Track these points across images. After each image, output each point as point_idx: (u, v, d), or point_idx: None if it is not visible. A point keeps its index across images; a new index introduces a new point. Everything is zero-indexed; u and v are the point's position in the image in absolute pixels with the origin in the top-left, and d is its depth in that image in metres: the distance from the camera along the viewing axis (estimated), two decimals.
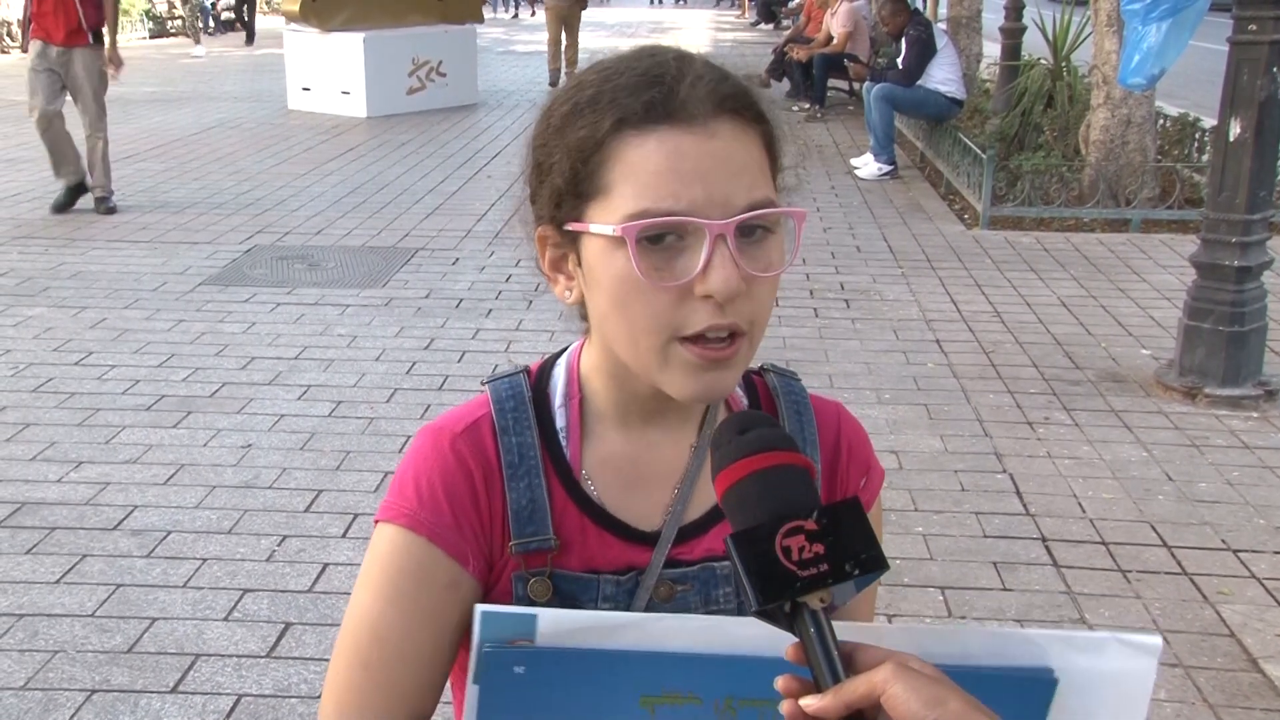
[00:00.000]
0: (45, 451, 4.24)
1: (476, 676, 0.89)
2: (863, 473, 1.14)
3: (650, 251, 0.91)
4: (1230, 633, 3.16)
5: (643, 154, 0.92)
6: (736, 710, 0.90)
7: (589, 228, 0.94)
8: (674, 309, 0.92)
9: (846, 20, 12.21)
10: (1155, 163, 7.85)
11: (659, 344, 0.93)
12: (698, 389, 0.95)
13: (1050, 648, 0.88)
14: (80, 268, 6.63)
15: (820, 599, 0.77)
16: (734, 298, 0.91)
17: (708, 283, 0.90)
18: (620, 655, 0.89)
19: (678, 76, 0.94)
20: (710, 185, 0.90)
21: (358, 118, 12.13)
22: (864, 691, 0.74)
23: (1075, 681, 0.88)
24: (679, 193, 0.90)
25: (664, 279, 0.91)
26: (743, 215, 0.91)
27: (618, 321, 0.95)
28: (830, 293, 6.26)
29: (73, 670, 2.95)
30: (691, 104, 0.92)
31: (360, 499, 3.89)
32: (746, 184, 0.92)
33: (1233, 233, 4.69)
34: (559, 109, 0.98)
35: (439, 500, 1.01)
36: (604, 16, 28.13)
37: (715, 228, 0.90)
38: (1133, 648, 0.87)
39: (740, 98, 0.95)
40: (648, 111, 0.92)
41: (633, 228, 0.90)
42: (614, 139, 0.93)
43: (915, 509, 3.83)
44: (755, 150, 0.95)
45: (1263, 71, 4.58)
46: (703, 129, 0.92)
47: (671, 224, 0.90)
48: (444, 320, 5.78)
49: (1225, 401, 4.70)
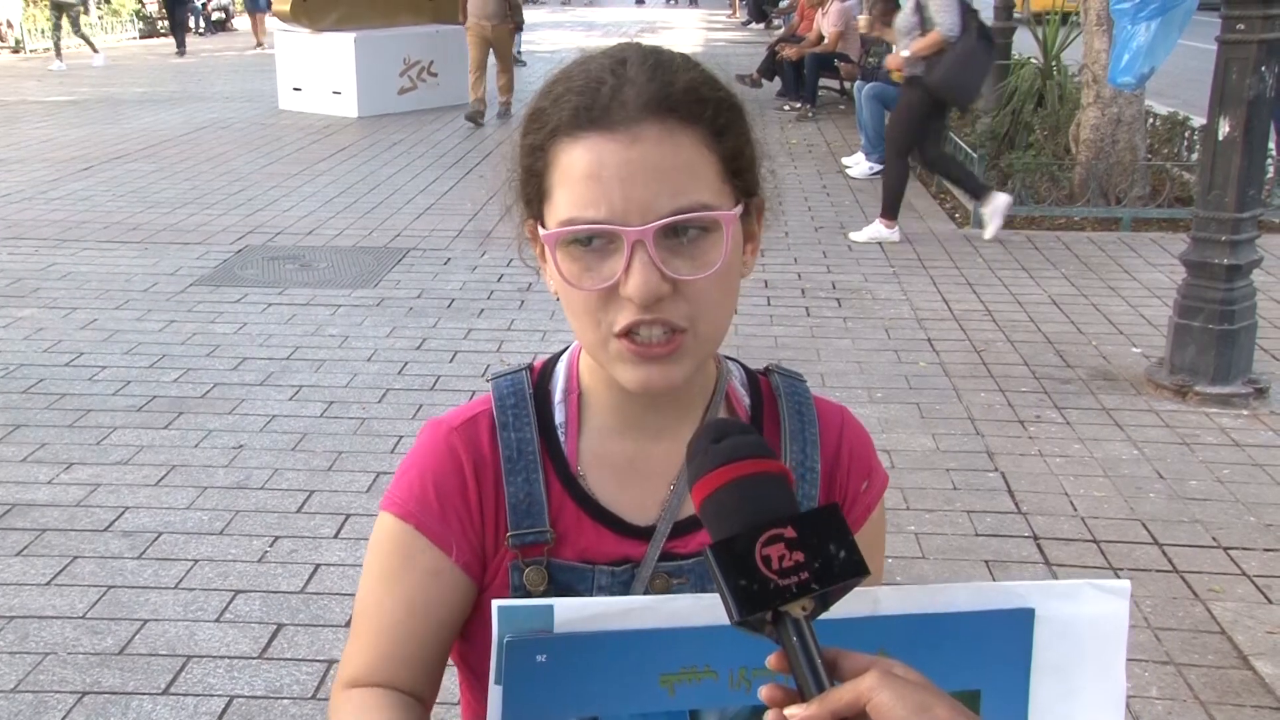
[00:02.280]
0: (36, 453, 4.23)
1: (499, 676, 0.89)
2: (863, 477, 1.14)
3: (582, 254, 0.95)
4: (1221, 630, 3.18)
5: (570, 160, 0.95)
6: (751, 681, 0.91)
7: (539, 229, 1.00)
8: (603, 308, 0.96)
9: (838, 20, 12.23)
10: (1145, 161, 7.88)
11: (600, 339, 0.98)
12: (641, 380, 0.98)
13: (1029, 595, 0.95)
14: (71, 268, 6.61)
15: (802, 607, 0.76)
16: (655, 300, 0.93)
17: (627, 287, 0.93)
18: (636, 634, 0.91)
19: (614, 83, 0.95)
20: (629, 192, 0.92)
21: (349, 118, 12.11)
22: (849, 699, 0.74)
23: (1057, 625, 0.95)
24: (599, 200, 0.93)
25: (592, 281, 0.95)
26: (660, 221, 0.92)
27: (569, 316, 1.00)
28: (822, 291, 6.27)
29: (64, 672, 2.94)
30: (615, 110, 0.94)
31: (352, 499, 3.88)
32: (671, 189, 0.93)
33: (1222, 231, 4.71)
34: (529, 111, 1.02)
35: (428, 491, 1.06)
36: (594, 16, 28.12)
37: (632, 234, 0.92)
38: (1105, 591, 0.95)
39: (670, 98, 0.95)
40: (575, 119, 0.95)
41: (552, 236, 0.96)
42: (551, 144, 0.97)
43: (907, 507, 3.84)
44: (687, 152, 0.95)
45: (1251, 70, 4.60)
46: (625, 134, 0.93)
47: (591, 231, 0.94)
48: (436, 320, 5.78)
49: (1215, 399, 4.72)
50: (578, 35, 16.80)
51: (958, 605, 0.94)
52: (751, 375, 1.15)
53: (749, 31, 23.77)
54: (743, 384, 1.13)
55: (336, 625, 3.16)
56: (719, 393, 1.10)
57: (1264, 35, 4.56)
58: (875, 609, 0.91)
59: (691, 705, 0.92)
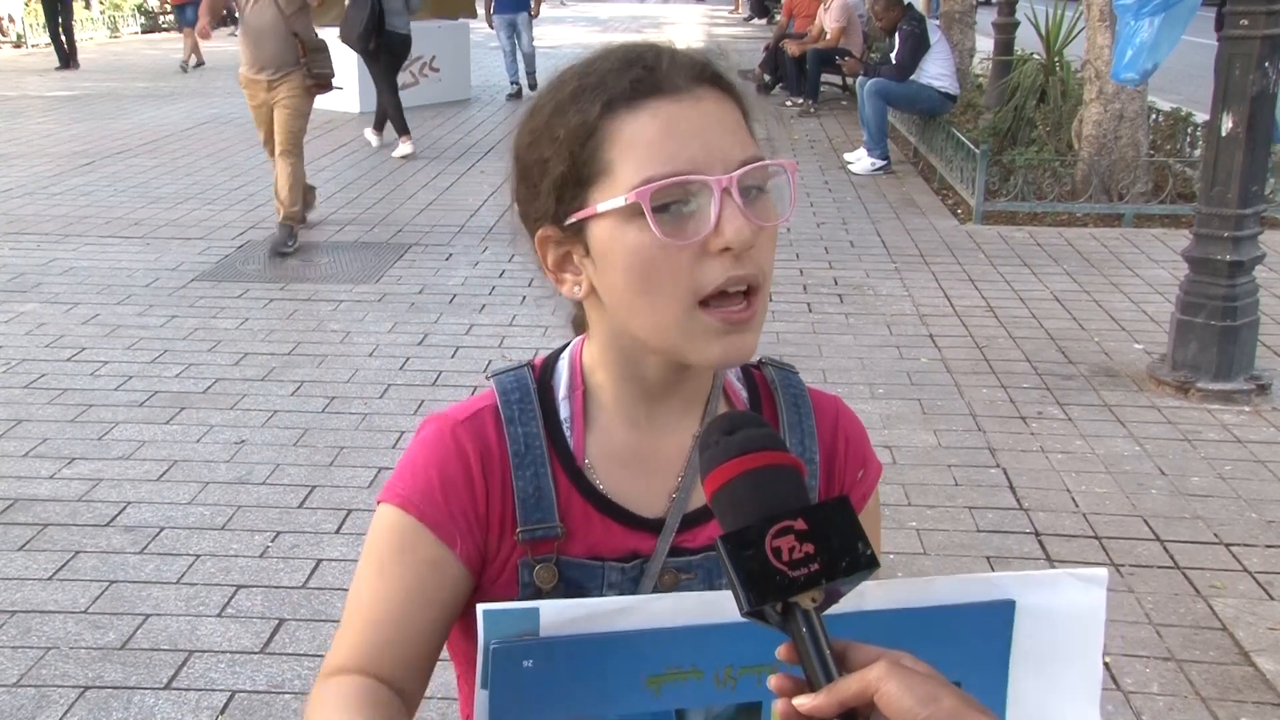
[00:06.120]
0: (38, 448, 4.23)
1: (485, 680, 0.89)
2: (859, 466, 1.15)
3: (661, 220, 0.94)
4: (1222, 626, 3.17)
5: (637, 127, 0.95)
6: (736, 679, 0.92)
7: (596, 209, 0.96)
8: (692, 268, 0.94)
9: (840, 16, 12.21)
10: (1148, 157, 7.87)
11: (681, 311, 0.96)
12: (721, 353, 0.98)
13: (1009, 586, 0.97)
14: (72, 263, 6.61)
15: (811, 599, 0.77)
16: (748, 247, 0.94)
17: (723, 234, 0.93)
18: (622, 636, 0.91)
19: (655, 56, 0.98)
20: (707, 143, 0.95)
21: (350, 113, 12.10)
22: (857, 690, 0.74)
23: (1036, 615, 0.97)
24: (678, 154, 0.94)
25: (680, 238, 0.94)
26: (744, 168, 0.94)
27: (637, 296, 0.97)
28: (824, 288, 6.26)
29: (65, 667, 2.95)
30: (674, 75, 0.97)
31: (354, 495, 3.89)
32: (739, 141, 0.97)
33: (1225, 227, 4.71)
34: (543, 109, 1.01)
35: (432, 484, 1.05)
36: (596, 11, 28.09)
37: (720, 182, 0.93)
38: (1083, 580, 0.98)
39: (714, 70, 1.00)
40: (634, 88, 0.96)
41: (644, 191, 0.93)
42: (607, 120, 0.96)
43: (909, 503, 3.84)
44: (737, 115, 0.99)
45: (1255, 66, 4.59)
46: (689, 96, 0.96)
47: (679, 183, 0.93)
48: (437, 316, 5.78)
49: (1217, 396, 4.71)
50: (580, 31, 16.78)
51: (940, 598, 0.95)
52: (745, 369, 1.15)
53: (751, 27, 23.76)
54: (738, 378, 1.14)
55: (338, 620, 3.14)
56: (717, 386, 1.10)
57: (1267, 31, 4.55)
58: (860, 603, 0.91)
59: (678, 705, 0.93)
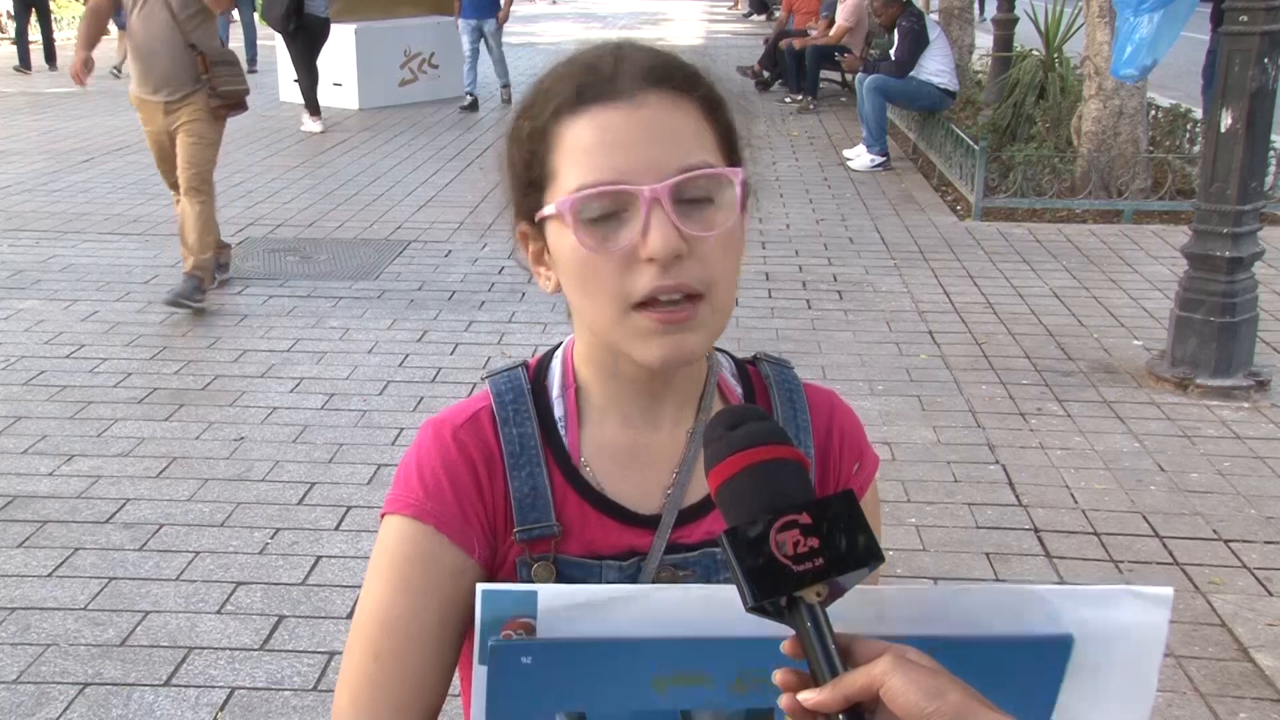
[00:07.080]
0: (37, 445, 4.23)
1: (483, 658, 0.89)
2: (855, 459, 1.14)
3: (594, 229, 0.95)
4: (1221, 622, 3.18)
5: (575, 133, 0.96)
6: (748, 686, 0.91)
7: (543, 211, 0.99)
8: (621, 276, 0.95)
9: (850, 15, 12.12)
10: (1147, 154, 7.87)
11: (617, 314, 0.96)
12: (661, 353, 0.97)
13: (1063, 604, 0.88)
14: (71, 260, 6.61)
15: (816, 593, 0.77)
16: (675, 258, 0.93)
17: (647, 245, 0.93)
18: (628, 644, 0.90)
19: (613, 61, 0.98)
20: (639, 152, 0.94)
21: (349, 110, 12.10)
22: (863, 684, 0.74)
23: (1089, 636, 0.88)
24: (608, 164, 0.94)
25: (610, 246, 0.94)
26: (675, 178, 0.93)
27: (581, 298, 0.99)
28: (823, 284, 6.26)
29: (65, 664, 2.95)
30: (619, 81, 0.96)
31: (353, 491, 3.89)
32: (679, 150, 0.95)
33: (1224, 223, 4.70)
34: (520, 106, 1.03)
35: (444, 489, 1.03)
36: (595, 7, 28.07)
37: (647, 192, 0.93)
38: (1145, 599, 0.88)
39: (667, 69, 0.98)
40: (579, 95, 0.97)
41: (566, 201, 0.95)
42: (553, 125, 0.98)
43: (908, 500, 3.84)
44: (690, 119, 0.97)
45: (1254, 62, 4.59)
46: (629, 102, 0.96)
47: (604, 193, 0.94)
48: (437, 312, 5.77)
49: (1217, 392, 4.72)
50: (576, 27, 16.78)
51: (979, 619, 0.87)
52: (740, 365, 1.15)
53: (751, 23, 23.74)
54: (732, 374, 1.14)
55: (338, 617, 3.16)
56: (711, 381, 1.10)
57: (1267, 27, 4.55)
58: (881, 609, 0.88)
59: (683, 706, 0.92)
